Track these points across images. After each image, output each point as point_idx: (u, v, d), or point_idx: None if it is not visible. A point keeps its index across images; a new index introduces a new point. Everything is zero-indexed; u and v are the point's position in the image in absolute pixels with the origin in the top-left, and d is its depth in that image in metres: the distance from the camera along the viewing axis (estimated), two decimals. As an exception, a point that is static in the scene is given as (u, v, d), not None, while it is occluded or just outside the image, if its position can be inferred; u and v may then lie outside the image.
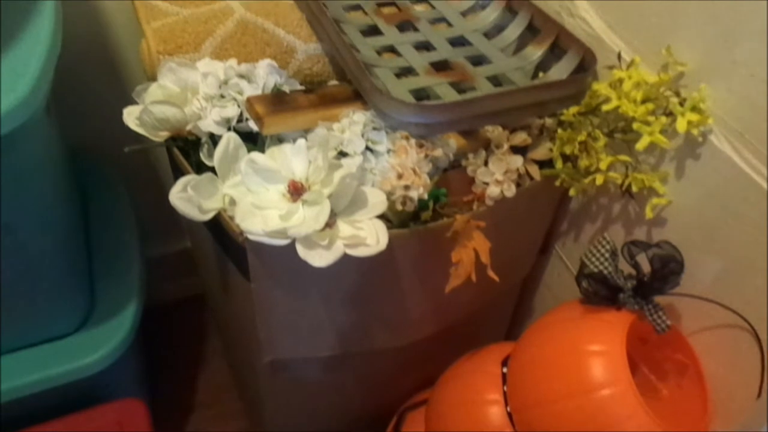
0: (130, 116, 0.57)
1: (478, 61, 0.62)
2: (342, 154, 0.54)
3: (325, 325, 0.59)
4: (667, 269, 0.53)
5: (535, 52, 0.62)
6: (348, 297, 0.57)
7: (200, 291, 0.99)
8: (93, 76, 0.76)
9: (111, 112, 0.65)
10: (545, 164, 0.59)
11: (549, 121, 0.60)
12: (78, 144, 0.78)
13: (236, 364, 0.83)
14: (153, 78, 0.60)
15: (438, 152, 0.53)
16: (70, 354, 0.60)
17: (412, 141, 0.53)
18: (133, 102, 0.58)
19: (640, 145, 0.52)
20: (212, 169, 0.53)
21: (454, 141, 0.56)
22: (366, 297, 0.58)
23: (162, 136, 0.57)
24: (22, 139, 0.46)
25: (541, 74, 0.62)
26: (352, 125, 0.55)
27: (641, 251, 0.54)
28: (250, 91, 0.57)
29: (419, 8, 0.70)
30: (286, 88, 0.59)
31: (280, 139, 0.56)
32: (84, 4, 0.73)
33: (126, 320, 0.64)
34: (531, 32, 0.64)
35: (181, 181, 0.51)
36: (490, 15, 0.68)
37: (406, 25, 0.67)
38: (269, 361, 0.62)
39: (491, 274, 0.53)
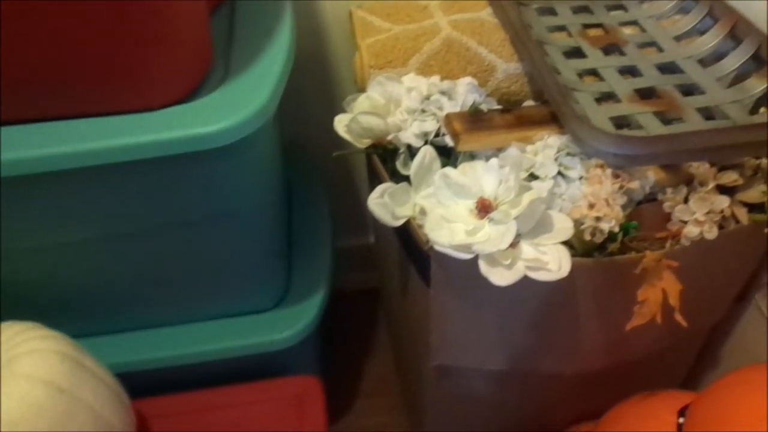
0: (340, 123, 0.63)
1: (689, 90, 0.59)
2: (533, 177, 0.54)
3: (496, 340, 0.60)
4: None
5: (758, 84, 0.57)
6: (522, 317, 0.58)
7: (375, 285, 1.05)
8: (308, 85, 0.85)
9: (320, 117, 0.73)
10: (755, 208, 0.54)
11: (765, 162, 0.55)
12: (287, 141, 0.87)
13: (402, 361, 0.87)
14: (362, 90, 0.65)
15: (634, 185, 0.51)
16: (268, 328, 0.68)
17: (608, 171, 0.52)
18: (341, 111, 0.64)
19: None
20: (406, 178, 0.57)
21: (653, 174, 0.54)
22: (540, 320, 0.58)
23: (364, 143, 0.62)
24: (258, 138, 0.54)
25: (762, 110, 0.57)
26: (545, 149, 0.55)
27: None
28: (449, 107, 0.60)
29: (628, 31, 0.68)
30: (484, 107, 0.61)
31: (472, 156, 0.58)
32: (309, 21, 0.81)
33: (316, 303, 0.71)
34: (756, 62, 0.59)
35: (380, 188, 0.55)
36: (710, 41, 0.63)
37: (611, 48, 0.65)
38: (436, 365, 0.64)
39: (679, 318, 0.50)
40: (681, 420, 0.57)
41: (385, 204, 0.55)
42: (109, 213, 0.57)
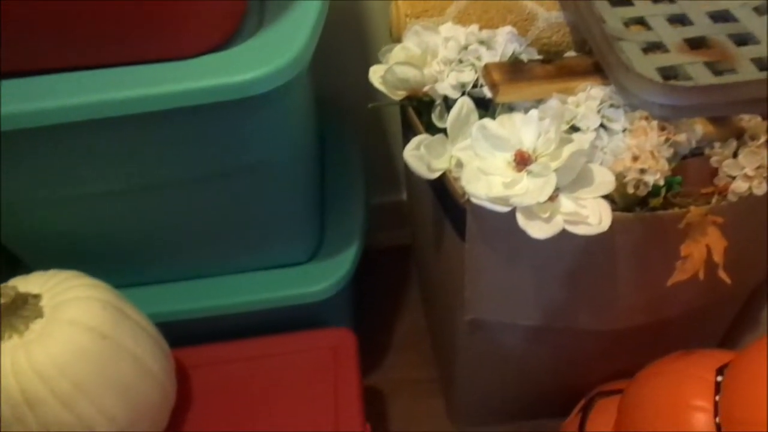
0: (375, 74, 0.62)
1: (742, 40, 0.56)
2: (574, 129, 0.53)
3: (531, 295, 0.60)
4: None
5: (819, 32, 0.54)
6: (559, 272, 0.57)
7: (407, 242, 1.05)
8: (343, 36, 0.83)
9: (354, 69, 0.72)
10: (809, 163, 0.52)
11: (822, 114, 0.52)
12: (320, 95, 0.86)
13: (434, 316, 0.87)
14: (398, 40, 0.64)
15: (681, 137, 0.49)
16: (303, 280, 0.69)
17: (653, 123, 0.50)
18: (376, 63, 0.63)
19: None
20: (441, 131, 0.56)
21: (700, 127, 0.52)
22: (577, 275, 0.57)
23: (399, 95, 0.61)
24: (293, 88, 0.53)
25: (822, 59, 0.54)
26: (588, 100, 0.53)
27: None
28: (488, 57, 0.58)
29: (678, -23, 0.64)
30: (524, 57, 0.59)
31: (511, 108, 0.57)
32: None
33: (349, 257, 0.71)
34: (816, 9, 0.56)
35: (416, 140, 0.54)
36: (766, -13, 0.60)
37: (661, -4, 0.62)
38: (469, 319, 0.64)
39: (722, 275, 0.49)
40: (719, 378, 0.56)
41: (420, 156, 0.54)
42: (144, 163, 0.58)
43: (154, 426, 0.59)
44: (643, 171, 0.47)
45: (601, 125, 0.53)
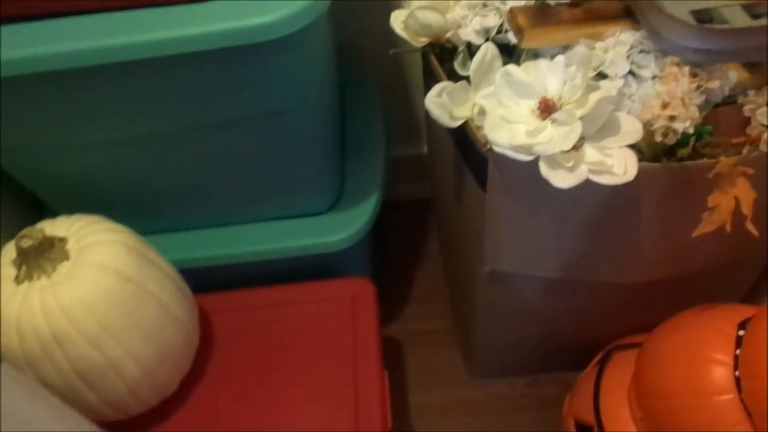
0: (397, 20, 0.60)
1: (783, -19, 0.53)
2: (601, 76, 0.51)
3: (551, 246, 0.59)
4: None
5: None
6: (580, 223, 0.56)
7: (426, 196, 1.04)
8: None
9: (375, 15, 0.70)
10: None
11: None
12: (341, 42, 0.85)
13: (453, 269, 0.87)
14: (420, -16, 0.62)
15: (714, 84, 0.48)
16: (322, 230, 0.69)
17: (685, 69, 0.48)
18: (397, 7, 0.61)
19: None
20: (464, 79, 0.55)
21: (734, 73, 0.50)
22: (599, 226, 0.56)
23: (421, 41, 0.60)
24: (312, 32, 0.52)
25: None
26: (617, 45, 0.51)
27: None
28: (513, 1, 0.56)
29: None
30: (551, 1, 0.57)
31: (536, 54, 0.55)
32: None
33: (368, 208, 0.71)
34: None
35: (438, 87, 0.53)
36: (812, -75, 0.56)
37: (697, -64, 0.59)
38: (489, 271, 0.64)
39: (750, 227, 0.48)
40: (741, 333, 0.56)
41: (443, 104, 0.53)
42: (165, 109, 0.57)
43: (178, 368, 0.61)
44: (672, 118, 0.45)
45: (630, 72, 0.51)
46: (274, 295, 0.70)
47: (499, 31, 0.56)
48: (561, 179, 0.47)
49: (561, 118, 0.48)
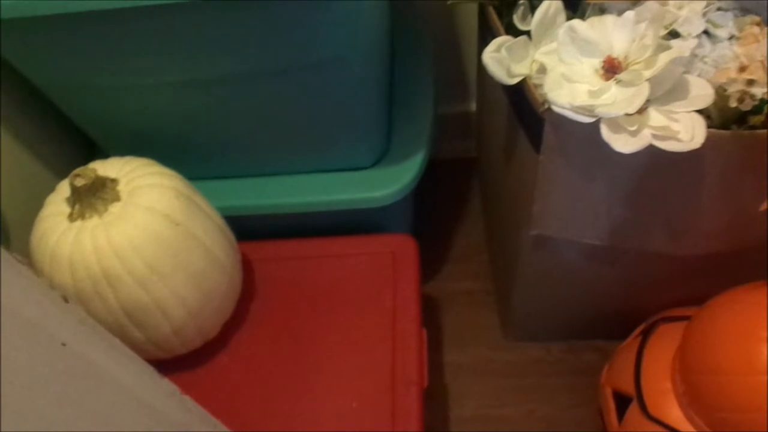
0: (456, -32, 0.58)
1: None
2: (673, 35, 0.48)
3: (603, 213, 0.57)
4: None
5: None
6: (637, 190, 0.54)
7: (471, 155, 1.02)
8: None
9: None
10: None
11: None
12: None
13: (496, 230, 0.86)
14: (483, -69, 0.59)
15: (797, 48, 0.44)
16: (367, 185, 0.68)
17: (766, 29, 0.45)
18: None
19: None
20: (523, 34, 0.52)
21: (821, 37, 0.46)
22: (657, 195, 0.54)
23: (480, -8, 0.57)
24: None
25: None
26: (692, 2, 0.48)
27: None
28: (582, -48, 0.53)
29: None
30: (623, -47, 0.53)
31: (603, 9, 0.52)
32: None
33: (414, 165, 0.70)
34: None
35: (497, 41, 0.51)
36: None
37: None
38: (535, 235, 0.63)
39: (821, 203, 0.45)
40: (797, 312, 0.53)
41: (501, 59, 0.51)
42: (216, 55, 0.56)
43: (221, 312, 0.62)
44: (750, 82, 0.43)
45: (705, 31, 0.48)
46: (316, 247, 0.71)
47: (564, -16, 0.53)
48: (623, 144, 0.45)
49: (626, 78, 0.46)
